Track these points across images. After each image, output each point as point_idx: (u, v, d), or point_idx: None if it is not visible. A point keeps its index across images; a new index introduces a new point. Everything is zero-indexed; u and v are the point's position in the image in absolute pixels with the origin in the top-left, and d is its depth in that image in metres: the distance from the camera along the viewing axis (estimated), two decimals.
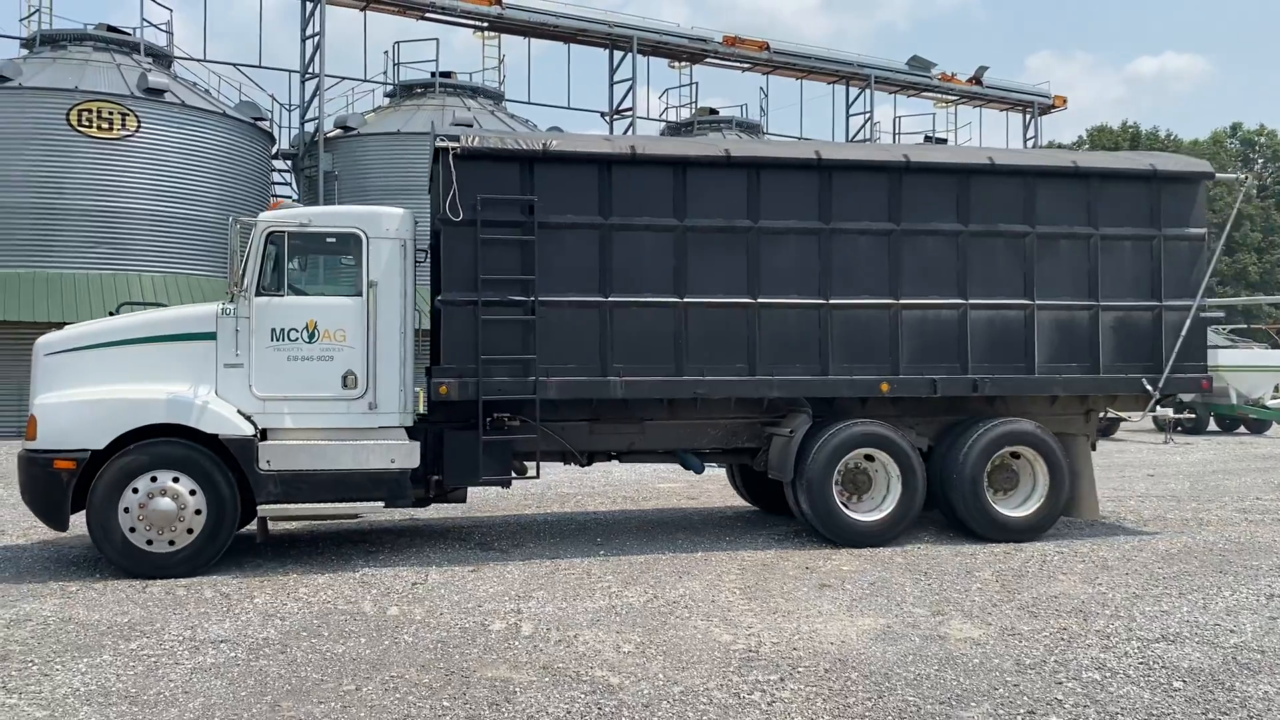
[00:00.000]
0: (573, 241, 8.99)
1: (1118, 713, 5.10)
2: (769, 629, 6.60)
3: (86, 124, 24.36)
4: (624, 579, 8.08)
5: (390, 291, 8.71)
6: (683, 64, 37.80)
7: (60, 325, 22.72)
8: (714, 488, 13.87)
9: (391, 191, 28.63)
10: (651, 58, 36.76)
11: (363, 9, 32.00)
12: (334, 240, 8.87)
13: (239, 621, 6.82)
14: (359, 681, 5.58)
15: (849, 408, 9.69)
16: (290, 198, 32.23)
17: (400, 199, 29.79)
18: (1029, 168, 10.01)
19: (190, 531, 8.20)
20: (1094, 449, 10.52)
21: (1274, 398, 26.17)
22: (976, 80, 42.12)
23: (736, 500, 12.78)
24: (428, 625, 6.73)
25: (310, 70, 30.62)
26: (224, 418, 8.31)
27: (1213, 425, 26.58)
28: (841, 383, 9.42)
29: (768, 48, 37.60)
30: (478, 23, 33.51)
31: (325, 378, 8.54)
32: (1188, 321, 10.01)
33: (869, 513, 9.52)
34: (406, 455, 8.62)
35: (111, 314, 16.17)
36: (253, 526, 9.15)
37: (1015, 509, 9.80)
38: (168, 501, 8.14)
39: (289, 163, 31.80)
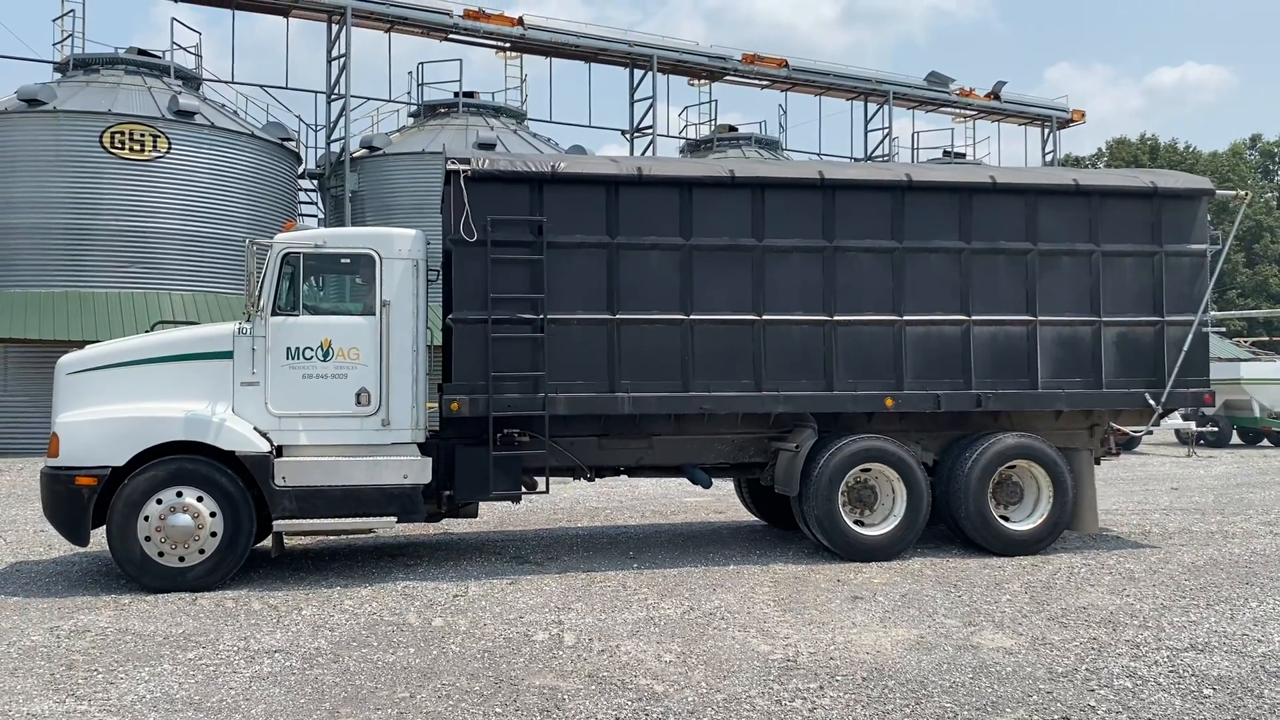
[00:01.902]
0: (581, 260, 9.19)
1: (1150, 719, 5.25)
2: (805, 639, 6.77)
3: (119, 146, 24.84)
4: (659, 591, 8.26)
5: (403, 311, 8.90)
6: (702, 82, 38.12)
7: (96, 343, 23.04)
8: (739, 501, 14.02)
9: (417, 210, 29.02)
10: (671, 76, 37.09)
11: (387, 30, 32.46)
12: (348, 261, 9.06)
13: (290, 632, 7.04)
14: (412, 689, 5.79)
15: (854, 423, 9.86)
16: (316, 217, 32.68)
17: (425, 218, 30.21)
18: (1030, 186, 10.16)
19: (207, 547, 8.40)
20: (1098, 463, 10.64)
21: None
22: (994, 95, 42.26)
23: None
24: (473, 635, 6.94)
25: (336, 91, 31.07)
26: (241, 435, 8.51)
27: (1236, 439, 26.54)
28: (846, 398, 9.57)
29: (786, 65, 37.88)
30: (500, 43, 33.94)
31: (339, 395, 8.74)
32: (1189, 336, 10.13)
33: (874, 527, 9.63)
34: (419, 471, 8.81)
35: (147, 332, 16.61)
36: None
37: (1019, 523, 9.92)
38: (186, 517, 8.34)
39: (315, 182, 32.25)
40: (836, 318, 9.56)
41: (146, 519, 8.31)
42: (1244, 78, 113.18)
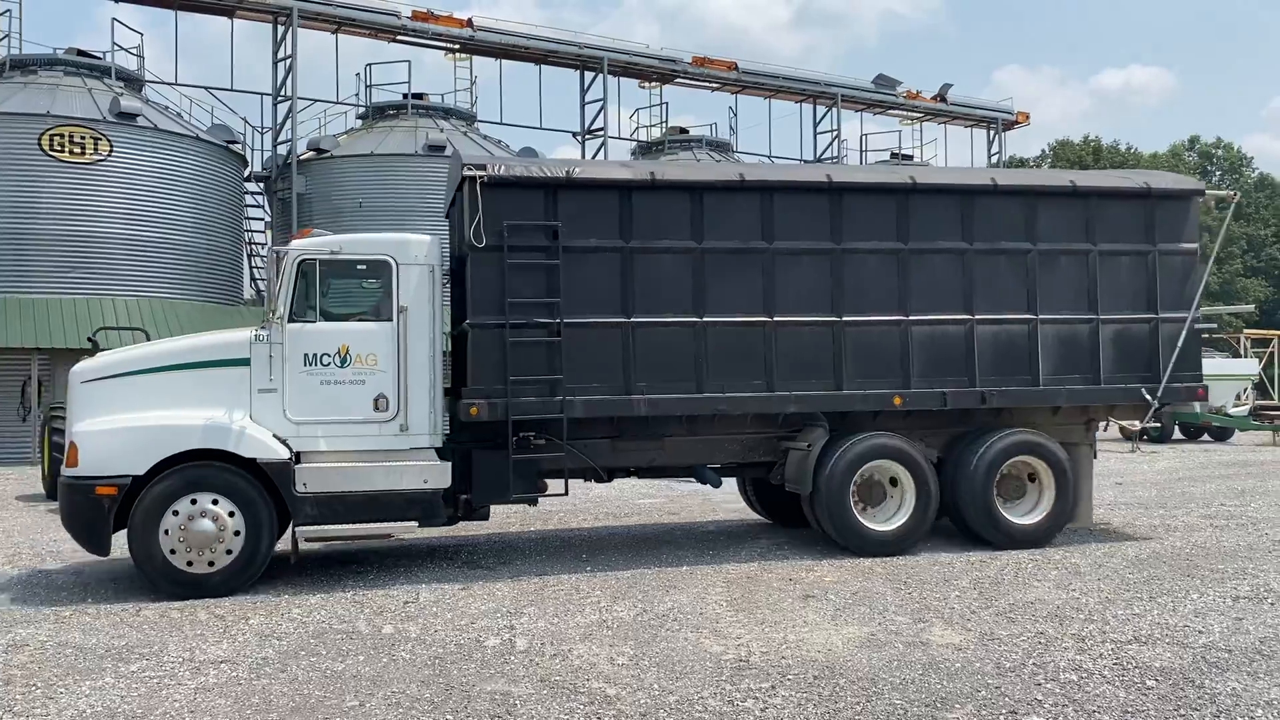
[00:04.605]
0: (595, 264, 9.27)
1: (1095, 711, 5.33)
2: (757, 639, 6.79)
3: (58, 148, 24.32)
4: (612, 594, 8.25)
5: (420, 316, 8.93)
6: (653, 84, 38.20)
7: (37, 350, 22.53)
8: (694, 503, 14.07)
9: (365, 213, 28.76)
10: (622, 78, 37.10)
11: (334, 31, 32.13)
12: (364, 267, 9.10)
13: (236, 642, 6.93)
14: (362, 698, 5.72)
15: (860, 421, 10.00)
16: (263, 220, 32.24)
17: (374, 220, 29.95)
18: (1029, 187, 10.44)
19: (230, 552, 8.38)
20: (1094, 457, 10.88)
21: (1236, 405, 26.80)
22: (941, 98, 42.81)
23: (717, 515, 13.01)
24: (423, 642, 6.87)
25: (282, 93, 30.69)
26: (262, 442, 8.48)
27: (1178, 433, 27.11)
28: (856, 397, 9.74)
29: (736, 68, 38.08)
30: (449, 44, 33.72)
31: (357, 401, 8.76)
32: (1183, 333, 10.41)
33: (884, 523, 9.82)
34: (439, 475, 8.85)
35: (90, 340, 16.30)
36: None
37: (1023, 517, 10.13)
38: (208, 523, 8.33)
39: (262, 185, 31.82)
40: (845, 318, 9.73)
41: (168, 529, 8.28)
42: (1185, 80, 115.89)
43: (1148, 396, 10.28)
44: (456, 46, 33.79)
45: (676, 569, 9.24)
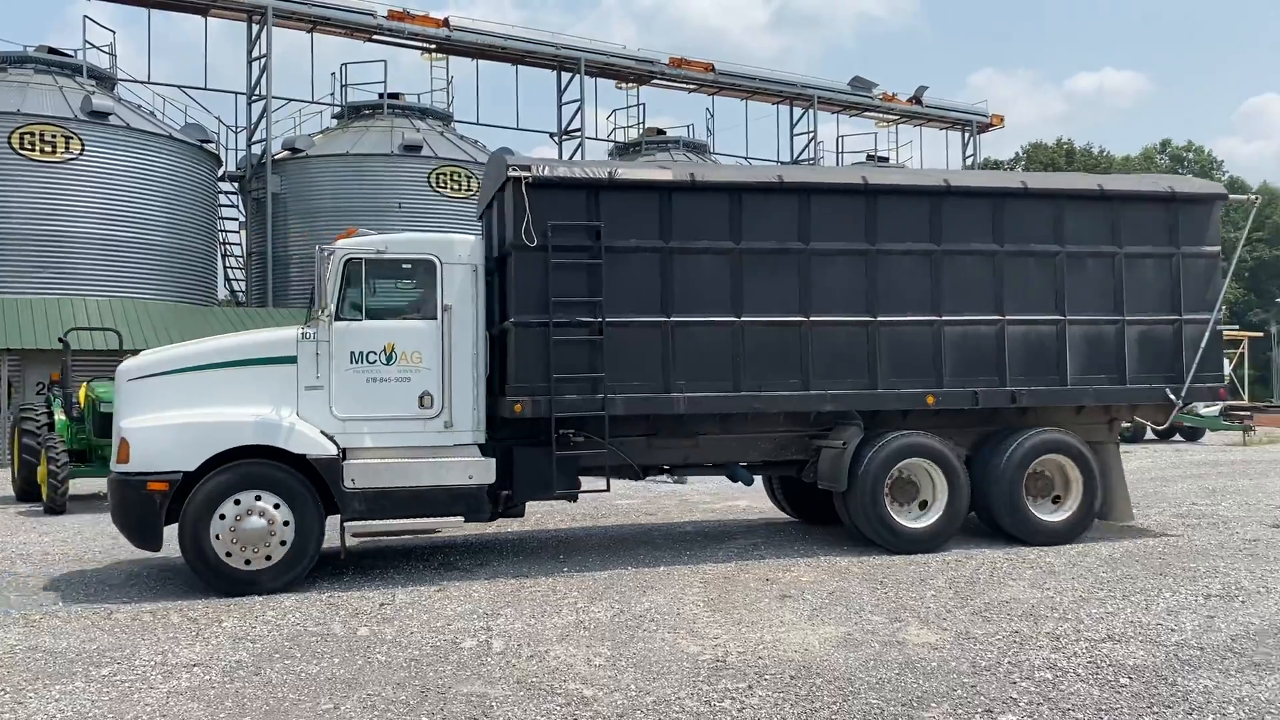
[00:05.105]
0: (636, 264, 9.40)
1: (1070, 709, 5.37)
2: (734, 639, 6.79)
3: (29, 147, 24.09)
4: (589, 594, 8.23)
5: (464, 315, 9.06)
6: (630, 85, 38.23)
7: (8, 352, 22.27)
8: (671, 504, 14.08)
9: (340, 213, 28.60)
10: (599, 79, 37.12)
11: (309, 31, 31.96)
12: (409, 266, 9.22)
13: (209, 645, 6.86)
14: (336, 700, 5.67)
15: (890, 420, 10.13)
16: (237, 220, 32.00)
17: (350, 219, 29.70)
18: (1058, 190, 10.58)
19: (282, 545, 8.46)
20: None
21: (1207, 406, 27.03)
22: (916, 100, 43.07)
23: (694, 515, 13.02)
24: (399, 644, 6.83)
25: (257, 92, 30.50)
26: (311, 439, 8.59)
27: (1149, 433, 27.35)
28: (890, 396, 9.89)
29: (713, 69, 38.16)
30: (425, 44, 33.63)
31: (403, 398, 8.87)
32: (1206, 334, 10.60)
33: (916, 520, 9.97)
34: (483, 471, 8.98)
35: (61, 340, 16.12)
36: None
37: (1051, 514, 10.29)
38: (258, 520, 8.39)
39: (236, 185, 31.59)
40: (879, 318, 9.86)
41: (220, 523, 8.33)
42: (1158, 84, 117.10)
43: (1171, 396, 10.48)
44: (433, 46, 33.70)
45: (654, 569, 9.23)
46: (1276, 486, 15.37)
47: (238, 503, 8.37)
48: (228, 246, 31.71)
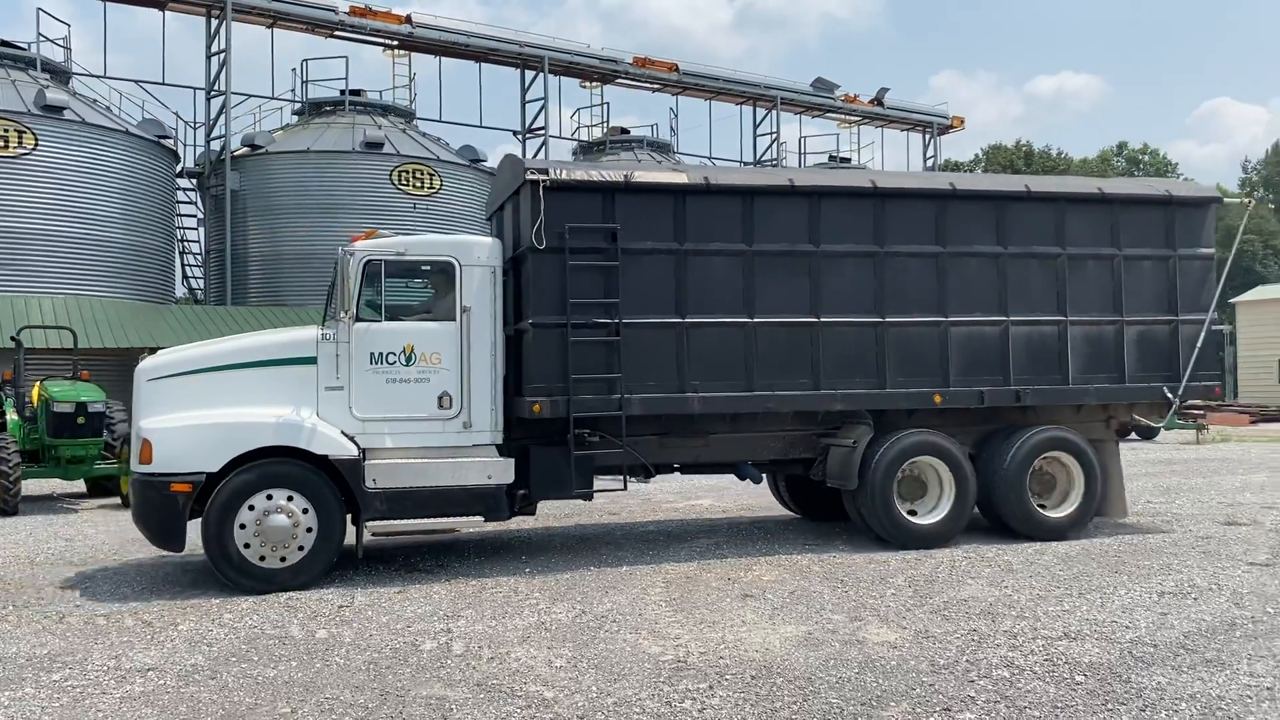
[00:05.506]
0: (651, 266, 9.49)
1: (1026, 707, 5.42)
2: (696, 639, 6.80)
3: None
4: (551, 595, 8.21)
5: (482, 316, 9.15)
6: (594, 84, 38.20)
7: None
8: (634, 503, 14.07)
9: (300, 210, 28.32)
10: (563, 78, 37.05)
11: (270, 26, 31.62)
12: (429, 268, 9.32)
13: (164, 649, 6.76)
14: (294, 704, 5.61)
15: (896, 419, 10.28)
16: (195, 216, 31.58)
17: (311, 217, 29.49)
18: (1060, 194, 10.79)
19: (302, 548, 8.51)
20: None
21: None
22: (878, 101, 43.39)
23: (657, 515, 13.02)
24: (358, 647, 6.77)
25: (216, 88, 30.13)
26: (333, 439, 8.66)
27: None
28: (898, 395, 10.06)
29: (677, 69, 38.23)
30: (388, 41, 33.40)
31: (422, 399, 8.96)
32: (1202, 334, 10.86)
33: (924, 517, 10.17)
34: (502, 471, 9.08)
35: (13, 339, 15.81)
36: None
37: (1053, 510, 10.54)
38: (282, 518, 8.45)
39: (195, 181, 31.17)
40: (888, 319, 10.01)
41: (244, 522, 8.39)
42: (1116, 87, 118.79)
43: (1169, 395, 10.76)
44: (395, 43, 33.48)
45: (616, 569, 9.23)
46: (1229, 484, 15.65)
47: (266, 500, 8.43)
48: (186, 244, 31.29)
